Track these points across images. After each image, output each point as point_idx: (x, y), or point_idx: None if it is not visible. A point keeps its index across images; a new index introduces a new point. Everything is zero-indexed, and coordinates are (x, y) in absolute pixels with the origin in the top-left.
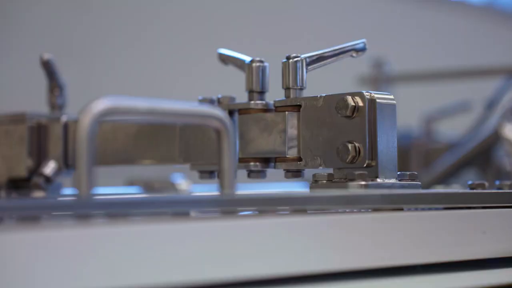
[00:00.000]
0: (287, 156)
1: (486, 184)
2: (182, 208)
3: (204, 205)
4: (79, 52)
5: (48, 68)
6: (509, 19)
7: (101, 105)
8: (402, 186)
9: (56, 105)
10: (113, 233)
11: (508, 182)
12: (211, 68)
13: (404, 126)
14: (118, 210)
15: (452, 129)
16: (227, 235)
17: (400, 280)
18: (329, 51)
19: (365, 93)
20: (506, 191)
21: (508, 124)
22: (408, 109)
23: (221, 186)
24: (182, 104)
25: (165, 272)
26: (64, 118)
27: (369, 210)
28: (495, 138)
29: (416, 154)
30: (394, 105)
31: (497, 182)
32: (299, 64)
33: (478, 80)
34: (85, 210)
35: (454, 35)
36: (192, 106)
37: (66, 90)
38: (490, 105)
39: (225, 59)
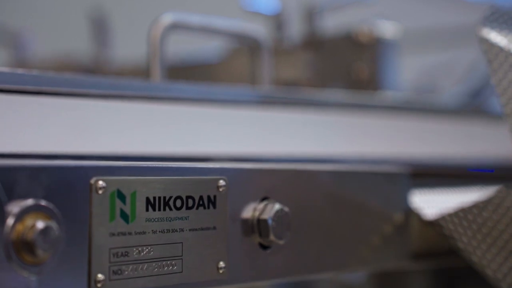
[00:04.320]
0: (307, 80)
1: None
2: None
3: (244, 98)
4: None
5: (99, 21)
6: None
7: (167, 17)
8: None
9: (102, 48)
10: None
11: None
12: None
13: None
14: (182, 94)
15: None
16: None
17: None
18: None
19: (373, 25)
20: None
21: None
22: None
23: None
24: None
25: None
26: (110, 59)
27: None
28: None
29: None
30: (396, 37)
31: None
32: (317, 5)
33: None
34: (157, 92)
35: None
36: (237, 24)
37: (112, 33)
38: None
39: (251, 9)
